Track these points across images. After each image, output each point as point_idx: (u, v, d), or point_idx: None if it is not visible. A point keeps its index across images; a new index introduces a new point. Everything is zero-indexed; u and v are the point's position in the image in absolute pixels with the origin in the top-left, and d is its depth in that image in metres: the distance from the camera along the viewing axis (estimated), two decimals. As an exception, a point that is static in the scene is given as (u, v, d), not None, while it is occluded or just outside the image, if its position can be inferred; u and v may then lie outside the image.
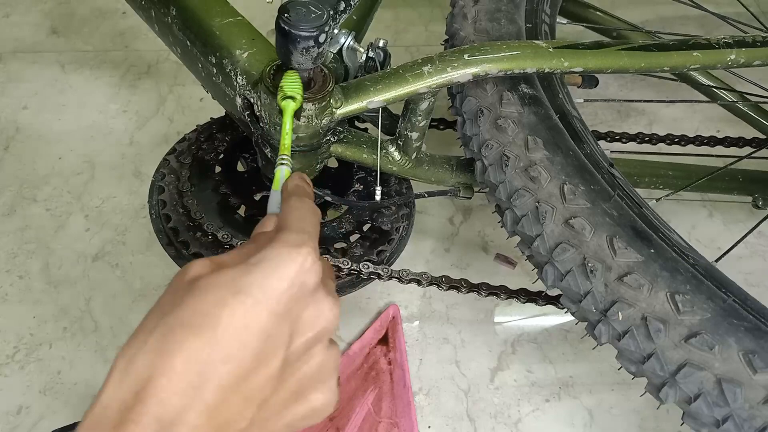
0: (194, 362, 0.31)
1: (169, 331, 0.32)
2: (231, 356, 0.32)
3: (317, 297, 0.36)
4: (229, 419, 0.32)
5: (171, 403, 0.31)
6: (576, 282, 0.53)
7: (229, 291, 0.33)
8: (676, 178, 0.82)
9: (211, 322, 0.32)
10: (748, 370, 0.47)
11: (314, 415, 0.37)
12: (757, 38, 0.65)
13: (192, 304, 0.33)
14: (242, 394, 0.33)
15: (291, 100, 0.53)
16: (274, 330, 0.34)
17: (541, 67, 0.58)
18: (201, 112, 1.07)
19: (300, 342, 0.35)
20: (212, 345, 0.32)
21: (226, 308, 0.33)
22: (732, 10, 0.98)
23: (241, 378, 0.32)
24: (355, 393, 0.77)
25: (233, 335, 0.32)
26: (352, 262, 0.68)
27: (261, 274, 0.34)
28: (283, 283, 0.34)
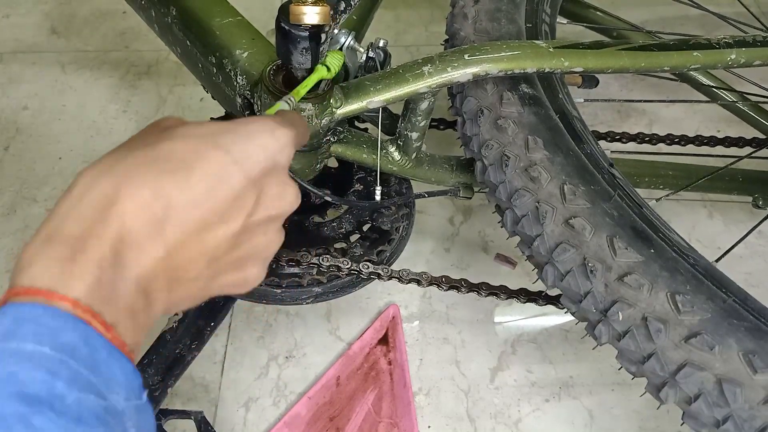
0: (163, 197, 0.31)
1: (140, 162, 0.32)
2: (199, 203, 0.32)
3: (285, 179, 0.37)
4: (181, 265, 0.33)
5: (134, 227, 0.30)
6: (576, 282, 0.53)
7: (209, 143, 0.33)
8: (677, 178, 0.82)
9: (186, 165, 0.32)
10: (749, 371, 0.47)
11: (244, 285, 0.38)
12: (757, 38, 0.65)
13: (168, 146, 0.33)
14: (199, 243, 0.33)
15: (324, 68, 0.55)
16: (243, 193, 0.34)
17: (542, 67, 0.58)
18: (201, 112, 1.07)
19: (261, 214, 0.36)
20: (183, 187, 0.32)
21: (202, 157, 0.33)
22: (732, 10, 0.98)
23: (203, 228, 0.33)
24: (355, 393, 0.77)
25: (205, 184, 0.32)
26: (352, 262, 0.68)
27: (242, 137, 0.35)
28: (262, 153, 0.35)
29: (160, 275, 0.32)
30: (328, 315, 0.85)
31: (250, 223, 0.35)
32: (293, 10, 0.50)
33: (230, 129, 0.35)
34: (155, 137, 0.34)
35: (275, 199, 0.36)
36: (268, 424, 0.76)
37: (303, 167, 0.65)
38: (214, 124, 0.35)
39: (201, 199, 0.32)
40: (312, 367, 0.80)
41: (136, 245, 0.30)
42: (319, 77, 0.55)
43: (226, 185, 0.33)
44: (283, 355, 0.81)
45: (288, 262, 0.68)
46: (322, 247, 0.70)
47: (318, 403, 0.76)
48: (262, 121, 0.36)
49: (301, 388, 0.78)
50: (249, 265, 0.37)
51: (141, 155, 0.32)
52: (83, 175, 0.32)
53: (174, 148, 0.33)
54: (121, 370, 0.29)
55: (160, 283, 0.32)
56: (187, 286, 0.34)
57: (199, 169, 0.32)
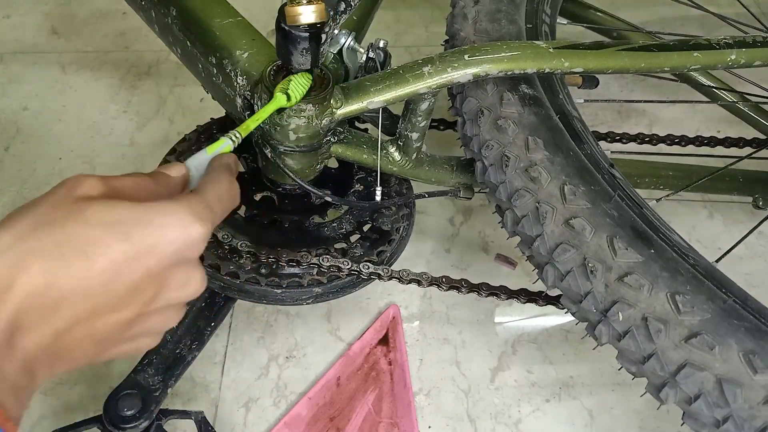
0: (57, 287, 0.31)
1: (40, 245, 0.32)
2: (92, 295, 0.32)
3: (191, 268, 0.37)
4: (68, 346, 0.33)
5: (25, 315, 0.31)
6: (576, 282, 0.53)
7: (117, 234, 0.33)
8: (677, 178, 0.82)
9: (87, 256, 0.32)
10: (749, 371, 0.47)
11: (136, 353, 0.39)
12: (758, 39, 0.65)
13: (74, 229, 0.32)
14: (89, 329, 0.33)
15: (285, 97, 0.53)
16: (141, 286, 0.34)
17: (542, 68, 0.58)
18: (201, 113, 1.07)
19: (158, 303, 0.36)
20: (80, 278, 0.32)
21: (106, 249, 0.32)
22: (732, 10, 0.98)
23: (94, 316, 0.33)
24: (356, 393, 0.77)
25: (103, 278, 0.32)
26: (352, 263, 0.68)
27: (154, 229, 0.34)
28: (170, 248, 0.34)
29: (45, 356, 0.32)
30: (329, 315, 0.85)
31: (145, 311, 0.35)
32: (289, 12, 0.49)
33: (141, 220, 0.34)
34: (64, 211, 0.33)
35: (177, 289, 0.36)
36: (268, 425, 0.76)
37: (303, 167, 0.65)
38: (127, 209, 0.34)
39: (96, 291, 0.32)
40: (312, 367, 0.80)
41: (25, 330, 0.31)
42: (276, 107, 0.53)
43: (125, 280, 0.33)
44: (283, 355, 0.81)
45: (288, 263, 0.68)
46: (322, 248, 0.70)
47: (318, 403, 0.76)
48: (177, 214, 0.35)
49: (301, 388, 0.79)
50: (141, 339, 0.38)
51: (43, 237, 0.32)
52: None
53: (80, 234, 0.32)
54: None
55: (44, 362, 0.33)
56: (72, 362, 0.34)
57: (99, 261, 0.32)
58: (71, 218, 0.33)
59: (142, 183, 0.38)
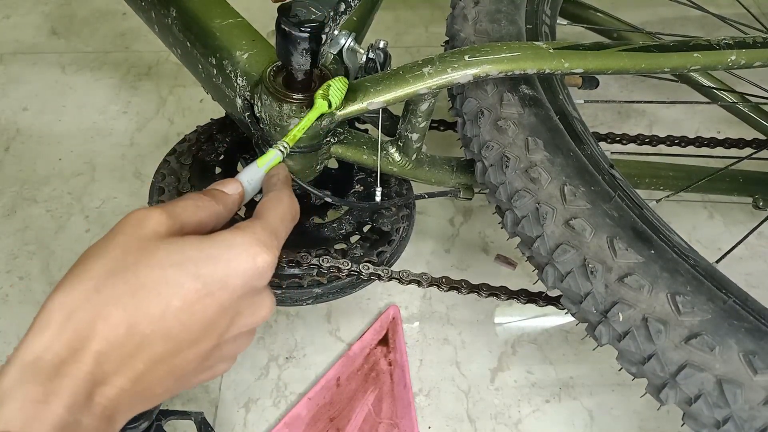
0: (135, 334, 0.32)
1: (117, 294, 0.32)
2: (171, 336, 0.33)
3: (261, 296, 0.38)
4: (149, 386, 0.34)
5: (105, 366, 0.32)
6: (576, 283, 0.53)
7: (188, 274, 0.34)
8: (677, 179, 0.82)
9: (162, 299, 0.33)
10: (749, 371, 0.47)
11: (212, 378, 0.40)
12: (758, 39, 0.65)
13: (147, 274, 0.33)
14: (168, 367, 0.34)
15: (326, 102, 0.53)
16: (216, 320, 0.35)
17: (542, 68, 0.58)
18: (201, 113, 1.07)
19: (233, 332, 0.37)
20: (157, 322, 0.33)
21: (180, 291, 0.33)
22: (732, 11, 0.98)
23: (173, 355, 0.34)
24: (356, 394, 0.77)
25: (179, 317, 0.33)
26: (352, 263, 0.68)
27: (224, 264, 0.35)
28: (240, 281, 0.35)
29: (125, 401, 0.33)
30: (329, 316, 0.85)
31: (222, 341, 0.36)
32: None
33: (211, 256, 0.34)
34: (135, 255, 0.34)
35: (248, 317, 0.37)
36: (268, 425, 0.76)
37: (303, 168, 0.65)
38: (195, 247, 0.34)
39: (174, 331, 0.33)
40: (312, 367, 0.80)
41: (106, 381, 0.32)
42: (318, 113, 0.52)
43: (200, 317, 0.34)
44: (283, 355, 0.81)
45: (288, 263, 0.68)
46: (322, 248, 0.70)
47: (318, 403, 0.76)
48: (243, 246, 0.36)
49: (301, 388, 0.79)
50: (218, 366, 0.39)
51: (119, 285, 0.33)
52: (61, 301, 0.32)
53: (153, 278, 0.33)
54: None
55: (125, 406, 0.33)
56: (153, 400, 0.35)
57: (175, 302, 0.33)
58: (143, 262, 0.33)
59: (202, 204, 0.38)
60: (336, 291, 0.71)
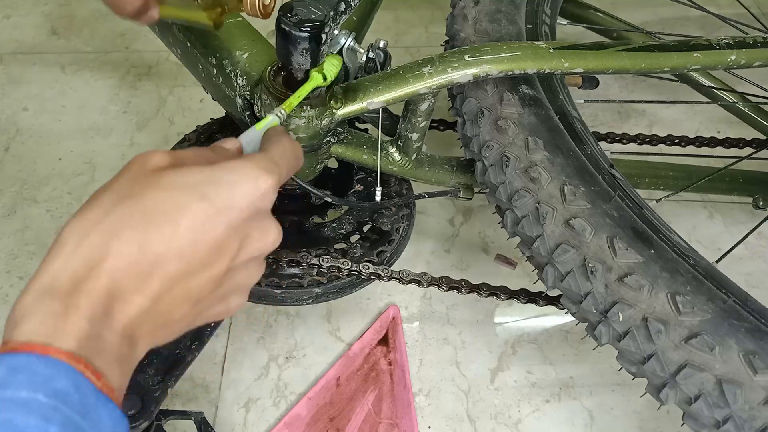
0: (150, 251, 0.33)
1: (127, 216, 0.33)
2: (184, 255, 0.34)
3: (267, 220, 0.39)
4: (167, 309, 0.35)
5: (122, 282, 0.32)
6: (576, 283, 0.53)
7: (194, 194, 0.35)
8: (677, 178, 0.82)
9: (172, 219, 0.34)
10: (749, 371, 0.47)
11: (227, 313, 0.40)
12: (758, 39, 0.65)
13: (155, 198, 0.34)
14: (184, 290, 0.35)
15: (321, 76, 0.54)
16: (226, 241, 0.35)
17: (542, 68, 0.58)
18: (201, 113, 1.07)
19: (244, 256, 0.37)
20: (169, 241, 0.33)
21: (188, 210, 0.34)
22: (732, 11, 0.98)
23: (188, 276, 0.34)
24: (356, 394, 0.77)
25: (190, 237, 0.34)
26: (352, 263, 0.68)
27: (227, 186, 0.36)
28: (245, 201, 0.36)
29: (145, 322, 0.34)
30: (329, 316, 0.85)
31: (233, 265, 0.37)
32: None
33: (214, 179, 0.36)
34: (142, 184, 0.35)
35: (257, 241, 0.38)
36: (268, 425, 0.76)
37: (303, 168, 0.65)
38: (198, 172, 0.36)
39: (186, 250, 0.34)
40: (312, 367, 0.80)
41: (123, 298, 0.33)
42: (314, 86, 0.54)
43: (210, 235, 0.35)
44: (283, 355, 0.81)
45: (288, 263, 0.68)
46: (322, 248, 0.70)
47: (318, 403, 0.76)
48: (245, 169, 0.37)
49: (301, 388, 0.78)
50: (231, 297, 0.39)
51: (128, 208, 0.34)
52: (72, 227, 0.34)
53: (160, 200, 0.34)
54: (109, 415, 0.31)
55: (145, 329, 0.34)
56: (172, 327, 0.36)
57: (184, 222, 0.34)
58: (150, 188, 0.35)
59: (202, 153, 0.40)
60: (336, 291, 0.71)
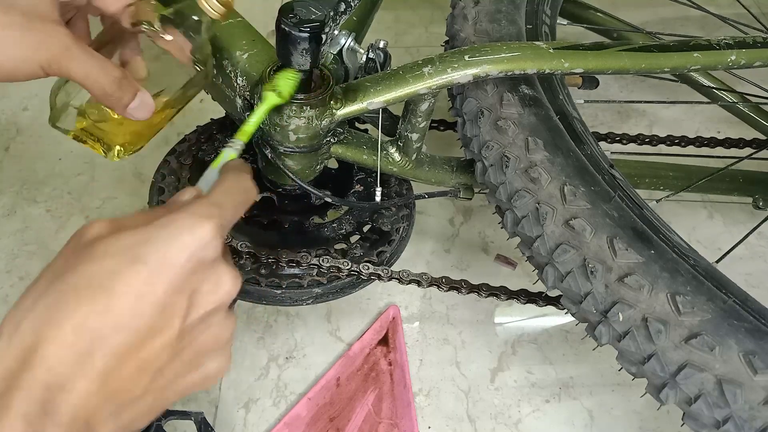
0: (85, 329, 0.31)
1: (59, 296, 0.32)
2: (123, 325, 0.32)
3: (217, 269, 0.36)
4: (122, 387, 0.32)
5: (59, 369, 0.30)
6: (576, 283, 0.53)
7: (126, 259, 0.32)
8: (677, 179, 0.82)
9: (104, 290, 0.32)
10: (749, 371, 0.47)
11: (207, 381, 0.37)
12: (758, 39, 0.65)
13: (86, 270, 0.32)
14: (136, 362, 0.32)
15: (275, 94, 0.53)
16: (170, 301, 0.33)
17: (542, 68, 0.58)
18: (201, 113, 1.06)
19: (197, 314, 0.35)
20: (104, 313, 0.31)
21: (121, 277, 0.32)
22: (732, 11, 0.98)
23: (135, 347, 0.32)
24: (355, 394, 0.77)
25: (127, 305, 0.32)
26: (352, 263, 0.68)
27: (160, 244, 0.33)
28: (182, 255, 0.34)
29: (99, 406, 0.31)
30: (329, 316, 0.85)
31: (187, 325, 0.34)
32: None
33: (149, 237, 0.33)
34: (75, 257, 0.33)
35: (210, 294, 0.35)
36: (268, 425, 0.76)
37: (303, 168, 0.65)
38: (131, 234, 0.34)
39: (126, 320, 0.32)
40: (312, 367, 0.80)
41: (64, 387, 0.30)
42: (270, 106, 0.52)
43: (149, 300, 0.32)
44: (283, 355, 0.81)
45: (288, 263, 0.68)
46: (322, 248, 0.70)
47: (318, 403, 0.76)
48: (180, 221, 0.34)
49: (301, 388, 0.79)
50: (205, 361, 0.37)
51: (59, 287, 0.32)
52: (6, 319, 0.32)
53: (92, 271, 0.32)
54: None
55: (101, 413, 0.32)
56: (136, 405, 0.33)
57: (119, 290, 0.32)
58: (82, 261, 0.33)
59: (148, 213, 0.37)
60: (336, 291, 0.71)
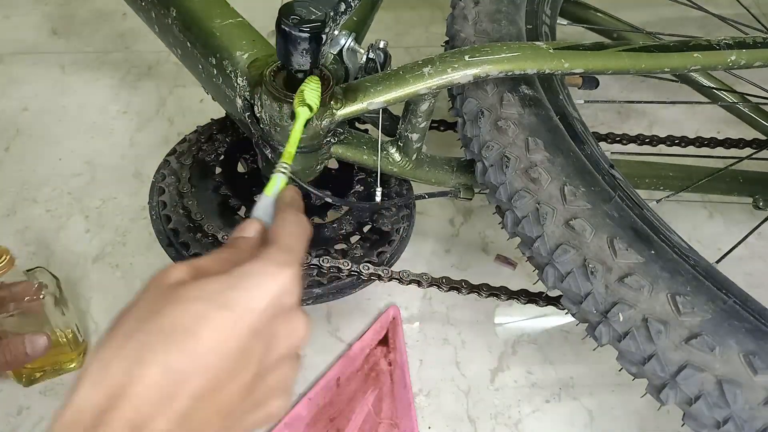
0: (171, 372, 0.32)
1: (148, 338, 0.33)
2: (207, 369, 0.33)
3: (293, 315, 0.37)
4: (196, 428, 0.33)
5: (144, 410, 0.31)
6: (577, 283, 0.53)
7: (213, 305, 0.34)
8: (677, 179, 0.82)
9: (192, 333, 0.33)
10: (749, 372, 0.47)
11: (270, 419, 0.38)
12: (758, 39, 0.65)
13: (173, 313, 0.33)
14: (213, 404, 0.33)
15: (307, 108, 0.53)
16: (251, 346, 0.34)
17: (542, 69, 0.58)
18: (201, 114, 1.07)
19: (272, 357, 0.36)
20: (191, 357, 0.32)
21: (208, 322, 0.33)
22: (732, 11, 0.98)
23: (214, 389, 0.33)
24: (356, 394, 0.77)
25: (212, 349, 0.33)
26: (352, 263, 0.68)
27: (245, 291, 0.35)
28: (265, 302, 0.35)
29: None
30: (329, 316, 0.85)
31: (262, 368, 0.36)
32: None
33: (232, 285, 0.35)
34: (161, 301, 0.34)
35: (285, 339, 0.37)
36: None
37: (303, 168, 0.65)
38: (215, 281, 0.35)
39: (210, 364, 0.33)
40: (312, 368, 0.80)
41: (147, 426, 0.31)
42: (304, 121, 0.52)
43: (233, 345, 0.34)
44: (283, 356, 0.81)
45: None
46: (322, 249, 0.70)
47: (318, 404, 0.76)
48: (261, 269, 0.36)
49: (301, 389, 0.78)
50: (270, 401, 0.38)
51: (148, 328, 0.33)
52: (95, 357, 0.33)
53: (179, 315, 0.33)
54: None
55: None
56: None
57: (206, 335, 0.33)
58: (169, 304, 0.34)
59: (224, 256, 0.39)
60: (336, 291, 0.71)
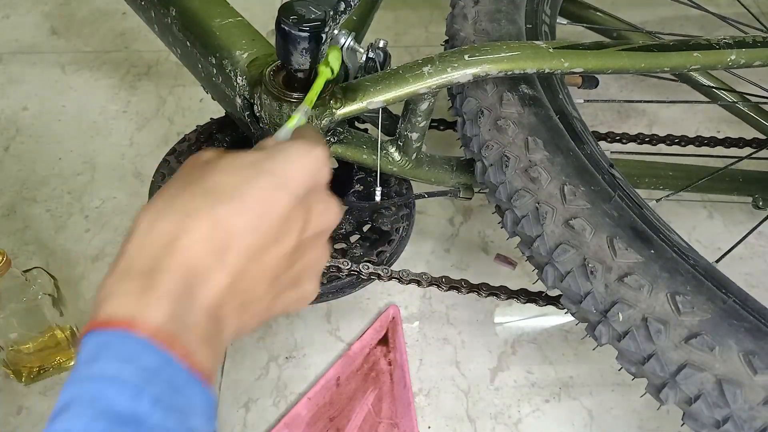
0: (221, 227, 0.33)
1: (195, 196, 0.33)
2: (255, 228, 0.33)
3: (327, 195, 0.38)
4: (246, 288, 0.34)
5: (200, 260, 0.32)
6: (576, 283, 0.53)
7: (255, 170, 0.35)
8: (677, 178, 0.82)
9: (239, 195, 0.34)
10: (749, 371, 0.47)
11: (302, 300, 0.40)
12: (757, 39, 0.65)
13: (218, 178, 0.34)
14: (260, 266, 0.34)
15: (329, 70, 0.55)
16: (293, 214, 0.35)
17: (542, 68, 0.58)
18: (201, 113, 1.07)
19: (310, 231, 0.37)
20: (239, 214, 0.33)
21: (253, 185, 0.34)
22: (732, 10, 0.98)
23: (262, 250, 0.34)
24: (355, 394, 0.77)
25: (258, 209, 0.34)
26: (352, 263, 0.68)
27: (284, 161, 0.36)
28: (304, 172, 0.36)
29: (228, 301, 0.33)
30: (328, 316, 0.85)
31: (302, 240, 0.36)
32: None
33: (270, 155, 0.36)
34: (200, 171, 0.35)
35: (321, 215, 0.38)
36: (268, 425, 0.76)
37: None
38: (252, 153, 0.36)
39: (256, 223, 0.34)
40: (312, 367, 0.80)
41: (204, 275, 0.32)
42: (325, 79, 0.54)
43: (277, 207, 0.34)
44: (283, 355, 0.81)
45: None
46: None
47: (318, 403, 0.76)
48: (296, 144, 0.37)
49: (301, 388, 0.78)
50: (305, 281, 0.39)
51: (194, 190, 0.34)
52: (145, 212, 0.34)
53: (223, 179, 0.34)
54: (199, 395, 0.30)
55: (229, 308, 0.33)
56: (254, 308, 0.35)
57: (250, 195, 0.34)
58: (209, 172, 0.35)
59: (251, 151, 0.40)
60: (336, 291, 0.71)
